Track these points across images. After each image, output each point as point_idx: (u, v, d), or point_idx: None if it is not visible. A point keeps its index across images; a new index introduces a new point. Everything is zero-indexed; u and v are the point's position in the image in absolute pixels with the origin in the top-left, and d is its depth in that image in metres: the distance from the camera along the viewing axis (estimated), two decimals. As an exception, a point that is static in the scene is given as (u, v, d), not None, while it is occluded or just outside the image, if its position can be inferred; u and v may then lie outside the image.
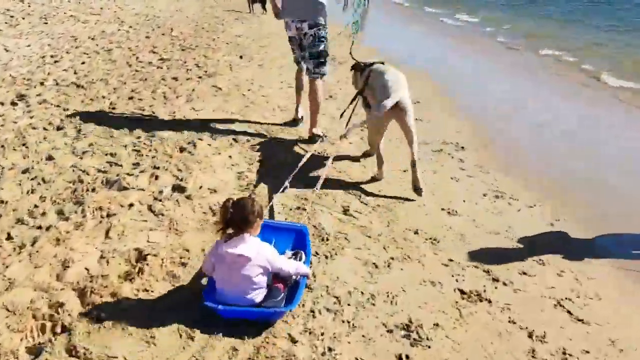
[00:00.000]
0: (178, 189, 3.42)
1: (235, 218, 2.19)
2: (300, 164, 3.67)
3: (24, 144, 3.86)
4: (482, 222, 3.47)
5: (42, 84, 5.57)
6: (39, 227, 2.79)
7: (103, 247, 2.66)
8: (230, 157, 4.13)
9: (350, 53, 4.63)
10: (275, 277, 2.33)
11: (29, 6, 11.11)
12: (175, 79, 6.60)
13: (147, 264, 2.49)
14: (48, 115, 4.58)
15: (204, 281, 2.45)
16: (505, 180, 4.25)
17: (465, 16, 20.12)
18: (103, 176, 3.49)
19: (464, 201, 3.78)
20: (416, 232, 3.22)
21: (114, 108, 5.08)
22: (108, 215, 2.97)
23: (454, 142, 5.10)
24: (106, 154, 3.88)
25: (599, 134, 6.00)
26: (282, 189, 3.35)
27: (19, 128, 4.16)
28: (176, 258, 2.61)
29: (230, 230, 2.22)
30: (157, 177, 3.54)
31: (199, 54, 8.52)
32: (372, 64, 4.19)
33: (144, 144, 4.17)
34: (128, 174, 3.55)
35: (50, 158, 3.67)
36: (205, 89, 6.27)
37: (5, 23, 8.75)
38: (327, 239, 3.00)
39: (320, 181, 3.49)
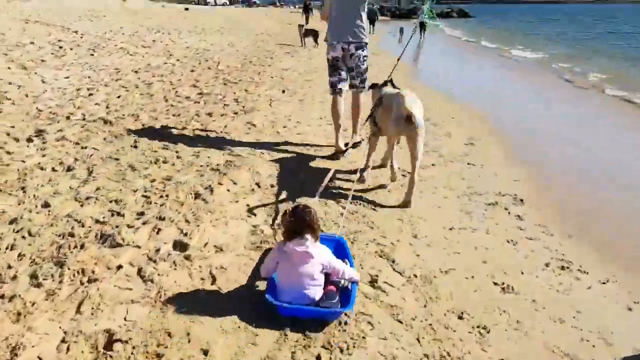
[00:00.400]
0: (179, 246, 2.95)
1: (298, 223, 2.45)
2: (326, 179, 3.48)
3: (23, 188, 3.54)
4: (543, 303, 2.76)
5: (68, 118, 5.38)
6: (1, 297, 2.37)
7: (69, 326, 2.19)
8: (248, 205, 3.65)
9: (390, 75, 4.85)
10: (327, 282, 2.54)
11: (81, 37, 11.41)
12: (210, 114, 6.29)
13: (112, 357, 2.00)
14: (62, 154, 4.30)
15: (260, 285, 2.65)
16: (573, 247, 3.51)
17: (527, 52, 19.26)
18: (99, 228, 3.08)
19: (522, 273, 3.09)
20: (461, 317, 2.56)
21: (136, 146, 4.77)
22: (89, 281, 2.53)
23: (511, 194, 4.40)
24: (111, 201, 3.49)
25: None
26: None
27: (24, 168, 3.87)
28: (152, 346, 2.10)
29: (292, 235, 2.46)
30: (159, 231, 3.10)
31: (241, 88, 8.27)
32: (386, 83, 4.62)
33: (157, 188, 3.77)
34: (128, 226, 3.13)
35: (46, 205, 3.31)
36: (239, 125, 5.91)
37: (52, 54, 8.88)
38: (346, 323, 2.41)
39: (320, 189, 3.32)
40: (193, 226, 3.21)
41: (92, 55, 9.39)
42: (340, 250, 2.86)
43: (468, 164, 5.23)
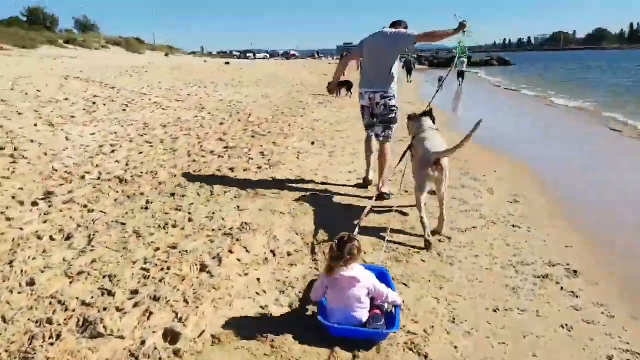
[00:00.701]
0: (170, 336, 2.51)
1: (343, 253, 2.63)
2: (364, 215, 4.06)
3: (11, 261, 3.22)
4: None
5: (82, 177, 5.17)
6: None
7: None
8: (258, 280, 3.21)
9: (429, 105, 5.26)
10: (372, 307, 2.72)
11: (118, 93, 11.60)
12: (232, 169, 5.99)
13: None
14: (65, 220, 4.01)
15: (310, 310, 2.88)
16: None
17: (568, 100, 18.53)
18: (83, 312, 2.68)
19: (580, 370, 2.49)
20: None
21: (147, 208, 4.46)
22: (54, 386, 2.12)
23: (563, 264, 3.79)
24: (105, 276, 3.11)
25: None
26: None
27: (20, 237, 3.58)
28: None
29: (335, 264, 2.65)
30: (150, 315, 2.68)
31: (269, 140, 8.02)
32: (425, 114, 4.94)
33: (159, 259, 3.39)
34: (117, 309, 2.73)
35: (31, 283, 2.95)
36: (258, 183, 5.56)
37: (84, 109, 8.94)
38: None
39: (360, 222, 3.89)
40: (191, 308, 2.77)
41: (124, 110, 9.43)
42: (382, 278, 2.97)
43: (513, 226, 4.66)
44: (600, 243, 4.42)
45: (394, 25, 5.24)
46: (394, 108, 5.13)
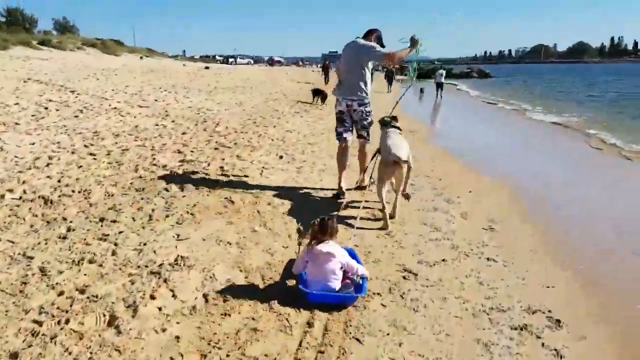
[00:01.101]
0: None
1: (322, 231, 3.25)
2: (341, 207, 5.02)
3: None
4: None
5: (2, 196, 4.50)
6: None
7: None
8: (177, 338, 2.61)
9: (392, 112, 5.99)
10: (344, 278, 3.24)
11: (76, 97, 10.88)
12: (182, 187, 5.38)
13: None
14: (-43, 252, 3.37)
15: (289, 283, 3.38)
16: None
17: (548, 114, 18.28)
18: None
19: None
20: None
21: (65, 237, 3.82)
22: None
23: (544, 310, 3.30)
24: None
25: None
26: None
27: None
28: None
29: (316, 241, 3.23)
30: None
31: (233, 153, 7.43)
32: (391, 120, 5.62)
33: (58, 308, 2.77)
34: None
35: None
36: (212, 202, 4.96)
37: (32, 115, 8.24)
38: None
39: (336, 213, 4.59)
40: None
41: (77, 117, 8.74)
42: (351, 255, 3.47)
43: (488, 259, 4.16)
44: (588, 282, 3.92)
45: (367, 34, 5.55)
46: (369, 113, 5.58)
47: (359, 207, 4.92)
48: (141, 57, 41.35)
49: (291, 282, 3.36)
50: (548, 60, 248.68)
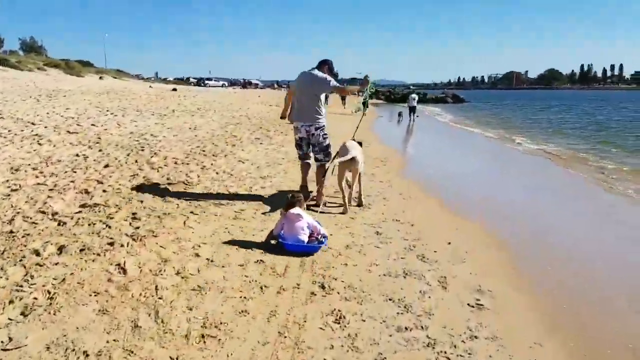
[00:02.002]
0: None
1: (292, 201, 4.64)
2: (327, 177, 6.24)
3: None
4: None
5: None
6: None
7: None
8: None
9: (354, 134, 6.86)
10: (310, 236, 4.51)
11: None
12: (60, 249, 3.92)
13: None
14: None
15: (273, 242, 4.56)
16: None
17: (528, 142, 17.35)
18: None
19: None
20: None
21: None
22: None
23: None
24: None
25: None
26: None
27: None
28: None
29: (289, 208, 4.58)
30: None
31: (157, 194, 6.01)
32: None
33: None
34: None
35: None
36: (92, 274, 3.52)
37: None
38: None
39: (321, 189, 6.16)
40: None
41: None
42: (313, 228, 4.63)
43: (470, 329, 2.88)
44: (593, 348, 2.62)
45: (320, 64, 6.13)
46: (326, 136, 6.16)
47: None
48: (100, 77, 39.61)
49: (273, 242, 4.52)
50: (520, 86, 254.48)
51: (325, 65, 6.17)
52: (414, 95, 28.18)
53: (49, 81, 26.06)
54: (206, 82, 76.57)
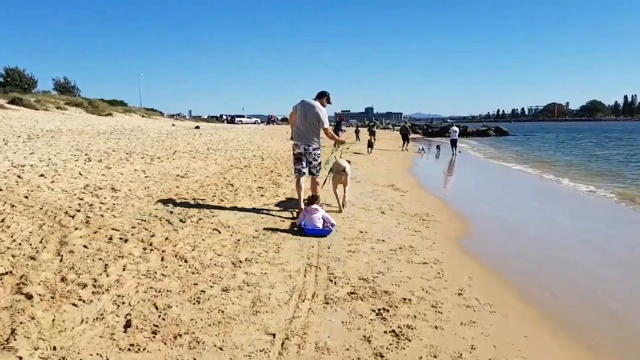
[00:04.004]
0: None
1: (312, 200, 6.55)
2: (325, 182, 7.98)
3: None
4: None
5: None
6: None
7: None
8: None
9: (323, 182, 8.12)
10: (324, 223, 6.27)
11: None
12: None
13: None
14: None
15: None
16: None
17: (585, 184, 13.66)
18: None
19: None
20: None
21: None
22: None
23: None
24: None
25: None
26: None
27: None
28: None
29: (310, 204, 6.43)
30: None
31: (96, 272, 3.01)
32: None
33: None
34: None
35: None
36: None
37: None
38: None
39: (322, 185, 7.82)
40: None
41: None
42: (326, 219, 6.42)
43: None
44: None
45: (320, 95, 7.21)
46: (319, 155, 7.29)
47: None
48: (108, 114, 37.88)
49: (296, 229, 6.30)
50: (561, 118, 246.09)
51: (324, 97, 7.23)
52: (454, 128, 26.53)
53: (59, 120, 24.20)
54: (239, 119, 75.44)
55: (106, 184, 8.29)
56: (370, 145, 22.91)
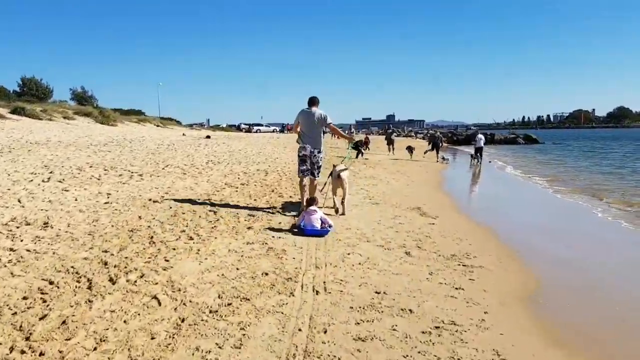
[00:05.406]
0: None
1: (310, 202, 6.98)
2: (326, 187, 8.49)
3: None
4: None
5: None
6: None
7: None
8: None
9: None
10: (322, 224, 6.58)
11: None
12: None
13: None
14: None
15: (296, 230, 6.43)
16: None
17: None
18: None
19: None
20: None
21: None
22: None
23: None
24: None
25: None
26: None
27: None
28: None
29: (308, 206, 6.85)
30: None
31: None
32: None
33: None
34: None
35: None
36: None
37: None
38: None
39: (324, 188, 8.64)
40: None
41: None
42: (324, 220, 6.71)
43: None
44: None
45: (314, 102, 7.99)
46: (321, 158, 8.01)
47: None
48: (107, 123, 36.27)
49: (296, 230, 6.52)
50: (588, 125, 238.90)
51: (318, 102, 8.05)
52: (480, 136, 24.99)
53: (55, 131, 22.63)
54: (257, 127, 74.00)
55: (41, 217, 6.32)
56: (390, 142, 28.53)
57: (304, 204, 7.41)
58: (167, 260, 4.98)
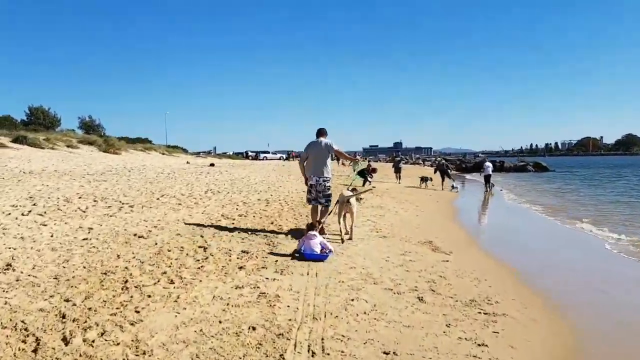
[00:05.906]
0: None
1: (311, 227, 7.04)
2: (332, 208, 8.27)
3: None
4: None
5: None
6: None
7: None
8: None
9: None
10: (322, 250, 6.58)
11: None
12: None
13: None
14: None
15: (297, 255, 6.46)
16: None
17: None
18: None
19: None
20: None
21: None
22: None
23: None
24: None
25: None
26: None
27: None
28: None
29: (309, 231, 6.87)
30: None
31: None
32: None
33: None
34: None
35: None
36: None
37: None
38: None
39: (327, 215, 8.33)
40: None
41: None
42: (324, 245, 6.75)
43: None
44: None
45: (322, 133, 8.40)
46: (329, 188, 8.30)
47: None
48: (114, 151, 35.89)
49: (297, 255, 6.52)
50: (596, 152, 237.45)
51: (325, 133, 8.43)
52: (488, 163, 24.79)
53: (54, 160, 22.16)
54: (263, 154, 74.01)
55: (6, 257, 5.62)
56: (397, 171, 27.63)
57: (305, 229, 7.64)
58: (138, 312, 4.22)
